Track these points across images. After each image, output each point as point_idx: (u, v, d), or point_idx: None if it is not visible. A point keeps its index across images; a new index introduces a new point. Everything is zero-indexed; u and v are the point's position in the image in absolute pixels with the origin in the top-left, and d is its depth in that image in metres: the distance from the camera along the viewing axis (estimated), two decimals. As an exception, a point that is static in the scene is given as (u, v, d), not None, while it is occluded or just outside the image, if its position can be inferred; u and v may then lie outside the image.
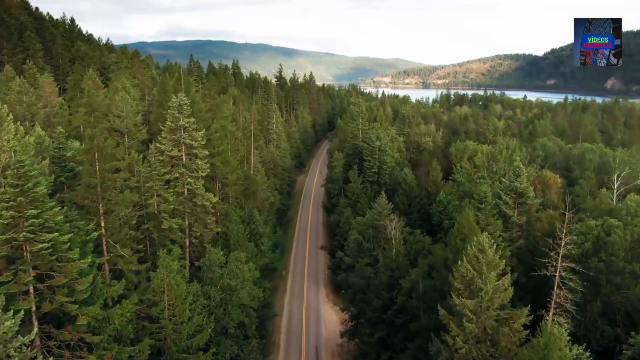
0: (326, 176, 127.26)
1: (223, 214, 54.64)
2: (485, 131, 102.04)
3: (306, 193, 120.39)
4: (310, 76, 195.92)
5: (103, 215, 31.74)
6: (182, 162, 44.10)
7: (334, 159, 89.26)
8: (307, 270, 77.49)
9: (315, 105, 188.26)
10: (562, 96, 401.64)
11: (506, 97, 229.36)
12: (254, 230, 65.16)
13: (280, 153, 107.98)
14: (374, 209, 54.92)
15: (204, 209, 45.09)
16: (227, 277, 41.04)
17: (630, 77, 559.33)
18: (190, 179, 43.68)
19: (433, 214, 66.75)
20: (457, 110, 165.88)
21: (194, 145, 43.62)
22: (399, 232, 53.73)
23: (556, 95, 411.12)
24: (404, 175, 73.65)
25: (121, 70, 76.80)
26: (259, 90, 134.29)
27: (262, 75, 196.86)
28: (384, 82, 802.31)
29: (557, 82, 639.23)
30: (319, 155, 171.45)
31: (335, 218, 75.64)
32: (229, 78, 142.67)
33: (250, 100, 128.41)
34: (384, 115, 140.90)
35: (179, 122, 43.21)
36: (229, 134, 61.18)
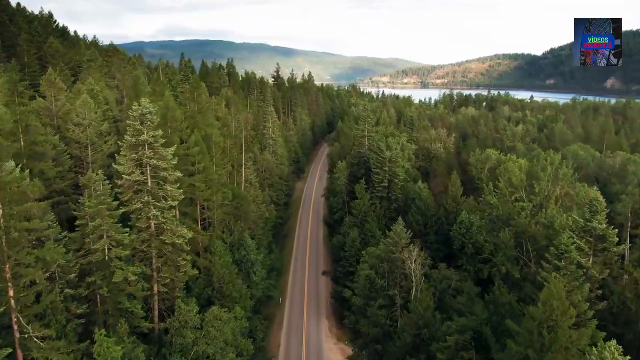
0: (326, 185, 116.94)
1: (205, 245, 44.35)
2: (502, 136, 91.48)
3: (305, 202, 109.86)
4: (308, 76, 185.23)
5: (11, 281, 21.34)
6: (146, 188, 33.65)
7: (337, 169, 78.74)
8: (306, 298, 67.04)
9: (314, 106, 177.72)
10: (562, 96, 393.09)
11: (511, 97, 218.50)
12: (245, 257, 54.83)
13: (277, 160, 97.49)
14: (390, 237, 44.61)
15: (176, 248, 34.65)
16: (202, 342, 30.67)
17: (630, 77, 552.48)
18: (156, 210, 33.21)
19: (454, 236, 56.49)
20: (464, 112, 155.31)
21: (161, 166, 33.19)
22: (420, 266, 43.49)
23: (557, 95, 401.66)
24: (418, 190, 63.34)
25: (93, 69, 66.16)
26: (254, 91, 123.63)
27: (260, 75, 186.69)
28: (382, 82, 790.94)
29: (557, 82, 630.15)
30: (319, 159, 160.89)
31: (339, 239, 65.20)
32: (223, 78, 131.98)
33: (244, 102, 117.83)
34: (387, 117, 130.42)
35: (141, 137, 32.76)
36: (215, 144, 50.72)
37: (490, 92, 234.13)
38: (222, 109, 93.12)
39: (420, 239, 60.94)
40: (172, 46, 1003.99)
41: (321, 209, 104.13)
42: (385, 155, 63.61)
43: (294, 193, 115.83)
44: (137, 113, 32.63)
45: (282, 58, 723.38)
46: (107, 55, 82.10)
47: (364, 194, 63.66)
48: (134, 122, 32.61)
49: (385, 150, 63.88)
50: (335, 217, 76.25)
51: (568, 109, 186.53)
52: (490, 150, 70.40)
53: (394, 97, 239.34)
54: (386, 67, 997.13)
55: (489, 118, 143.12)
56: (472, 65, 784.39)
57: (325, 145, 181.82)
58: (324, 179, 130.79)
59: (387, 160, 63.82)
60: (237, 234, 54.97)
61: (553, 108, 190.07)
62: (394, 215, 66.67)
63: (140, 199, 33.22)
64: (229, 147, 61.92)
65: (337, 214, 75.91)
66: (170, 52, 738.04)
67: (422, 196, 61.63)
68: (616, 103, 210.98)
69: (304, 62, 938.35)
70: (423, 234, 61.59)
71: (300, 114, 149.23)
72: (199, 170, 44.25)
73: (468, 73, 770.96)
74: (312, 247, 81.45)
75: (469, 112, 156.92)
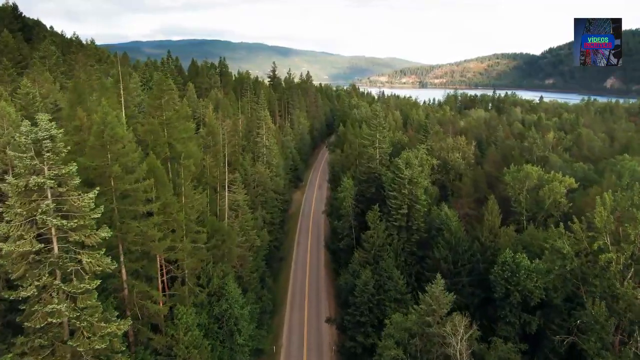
0: (328, 199, 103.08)
1: (166, 315, 31.09)
2: (532, 145, 78.16)
3: (304, 218, 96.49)
4: (307, 76, 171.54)
5: None
6: (49, 260, 20.32)
7: (342, 187, 65.31)
8: (306, 348, 53.92)
9: (313, 107, 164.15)
10: (562, 96, 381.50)
11: (519, 98, 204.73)
12: (227, 312, 41.54)
13: (272, 171, 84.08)
14: (424, 303, 31.43)
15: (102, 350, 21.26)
16: None
17: (630, 77, 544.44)
18: (63, 301, 19.80)
19: (495, 281, 43.49)
20: (474, 115, 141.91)
21: (67, 226, 19.88)
22: (466, 343, 30.37)
23: (557, 95, 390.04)
24: (445, 218, 50.14)
25: (39, 67, 52.82)
26: (248, 93, 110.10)
27: (255, 75, 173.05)
28: (380, 82, 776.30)
29: (556, 82, 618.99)
30: (318, 164, 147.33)
31: (347, 280, 51.86)
32: (214, 78, 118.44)
33: (236, 105, 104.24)
34: (392, 121, 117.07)
35: (36, 180, 19.41)
36: (185, 168, 37.25)
37: (496, 92, 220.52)
38: (209, 114, 79.80)
39: (449, 279, 47.87)
40: (169, 46, 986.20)
41: (322, 226, 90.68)
42: (405, 175, 50.25)
43: (291, 205, 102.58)
44: (27, 141, 19.25)
45: (279, 58, 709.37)
46: (72, 52, 68.41)
47: (378, 224, 50.28)
48: (22, 155, 19.23)
49: (404, 169, 50.50)
50: (341, 245, 63.01)
51: (582, 110, 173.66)
52: (530, 167, 57.26)
53: (395, 97, 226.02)
54: (384, 67, 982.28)
55: (504, 121, 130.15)
56: (470, 65, 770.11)
57: (324, 149, 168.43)
58: (324, 188, 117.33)
59: (407, 182, 50.47)
60: (216, 282, 41.72)
61: (567, 109, 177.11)
62: (414, 250, 53.52)
63: (37, 278, 19.86)
64: (208, 165, 48.55)
65: (344, 241, 62.67)
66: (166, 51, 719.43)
67: (451, 227, 48.43)
68: (630, 105, 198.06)
69: (302, 62, 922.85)
70: (452, 274, 48.51)
71: (298, 116, 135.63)
72: (160, 209, 30.91)
73: (467, 73, 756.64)
74: (312, 279, 68.09)
75: (479, 115, 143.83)
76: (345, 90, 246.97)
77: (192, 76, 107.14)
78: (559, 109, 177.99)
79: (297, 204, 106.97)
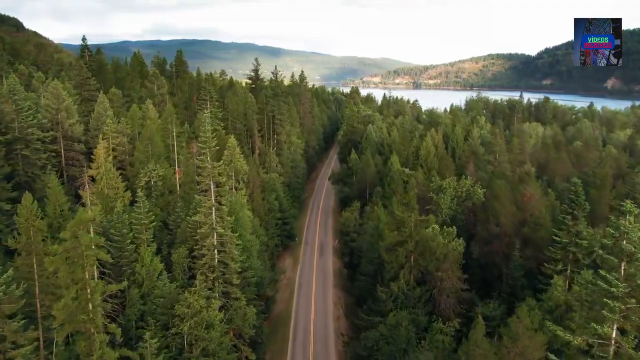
0: (340, 289, 57.76)
1: None
2: None
3: (297, 328, 54.13)
4: (300, 77, 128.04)
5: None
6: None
7: None
8: None
9: (308, 118, 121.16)
10: (564, 97, 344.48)
11: (558, 104, 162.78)
12: None
13: (233, 292, 40.34)
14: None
15: None
16: None
17: (631, 77, 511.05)
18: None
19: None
20: (533, 131, 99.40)
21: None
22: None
23: (558, 96, 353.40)
24: None
25: None
26: (207, 103, 66.77)
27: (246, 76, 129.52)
28: (373, 82, 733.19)
29: (554, 82, 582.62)
30: (318, 196, 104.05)
31: None
32: (158, 81, 74.76)
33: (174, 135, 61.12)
34: (431, 147, 74.30)
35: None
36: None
37: (522, 95, 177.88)
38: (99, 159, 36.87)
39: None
40: (158, 46, 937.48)
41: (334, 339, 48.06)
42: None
43: (274, 308, 57.51)
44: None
45: (270, 58, 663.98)
46: None
47: None
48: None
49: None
50: None
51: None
52: None
53: (405, 101, 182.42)
54: (376, 68, 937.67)
55: (579, 145, 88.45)
56: (465, 66, 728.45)
57: (323, 169, 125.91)
58: (328, 250, 73.90)
59: None
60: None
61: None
62: None
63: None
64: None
65: None
66: (155, 51, 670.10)
67: None
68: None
69: (293, 62, 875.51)
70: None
71: (288, 133, 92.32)
72: None
73: (461, 73, 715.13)
74: None
75: (537, 131, 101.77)
76: (344, 94, 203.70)
77: (119, 79, 63.72)
78: (613, 116, 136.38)
79: (282, 306, 59.09)
